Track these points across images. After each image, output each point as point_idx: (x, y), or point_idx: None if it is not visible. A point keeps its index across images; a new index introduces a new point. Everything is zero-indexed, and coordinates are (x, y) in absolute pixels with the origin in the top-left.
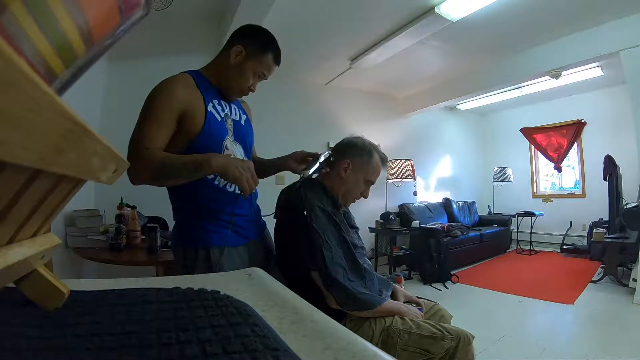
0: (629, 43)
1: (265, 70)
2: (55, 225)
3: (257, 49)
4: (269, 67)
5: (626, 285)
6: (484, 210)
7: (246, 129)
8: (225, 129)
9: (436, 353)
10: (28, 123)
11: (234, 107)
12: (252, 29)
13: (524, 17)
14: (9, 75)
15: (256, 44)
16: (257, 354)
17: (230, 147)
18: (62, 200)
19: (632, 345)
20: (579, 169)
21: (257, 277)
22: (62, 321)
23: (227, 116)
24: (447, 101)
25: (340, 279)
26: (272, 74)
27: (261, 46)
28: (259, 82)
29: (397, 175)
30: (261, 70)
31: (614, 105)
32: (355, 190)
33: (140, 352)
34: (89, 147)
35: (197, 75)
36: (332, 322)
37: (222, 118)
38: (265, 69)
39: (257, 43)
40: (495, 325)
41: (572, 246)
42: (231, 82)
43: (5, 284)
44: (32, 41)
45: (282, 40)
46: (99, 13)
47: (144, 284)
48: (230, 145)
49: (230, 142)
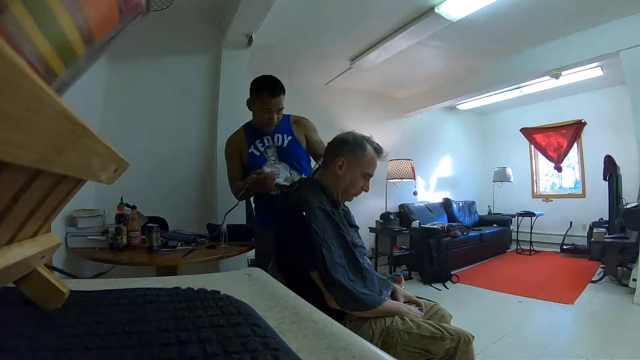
0: (629, 43)
1: (267, 105)
2: (55, 225)
3: (255, 96)
4: (268, 101)
5: (626, 285)
6: (484, 210)
7: (289, 149)
8: (263, 159)
9: (436, 353)
10: (28, 123)
11: (277, 135)
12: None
13: (524, 17)
14: (9, 75)
15: (253, 92)
16: (257, 354)
17: (269, 169)
18: (62, 201)
19: (632, 345)
20: (579, 169)
21: (257, 277)
22: (62, 321)
23: (267, 148)
24: (447, 101)
25: (340, 279)
26: (277, 104)
27: (256, 91)
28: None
29: (397, 175)
30: (264, 107)
31: (614, 105)
32: (354, 186)
33: (140, 352)
34: (89, 147)
35: (248, 125)
36: (332, 322)
37: (260, 152)
38: (267, 105)
39: (253, 91)
40: (495, 325)
41: (572, 246)
42: (258, 122)
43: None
44: (32, 41)
45: (282, 40)
46: (99, 13)
47: (144, 284)
48: (268, 168)
49: (269, 166)
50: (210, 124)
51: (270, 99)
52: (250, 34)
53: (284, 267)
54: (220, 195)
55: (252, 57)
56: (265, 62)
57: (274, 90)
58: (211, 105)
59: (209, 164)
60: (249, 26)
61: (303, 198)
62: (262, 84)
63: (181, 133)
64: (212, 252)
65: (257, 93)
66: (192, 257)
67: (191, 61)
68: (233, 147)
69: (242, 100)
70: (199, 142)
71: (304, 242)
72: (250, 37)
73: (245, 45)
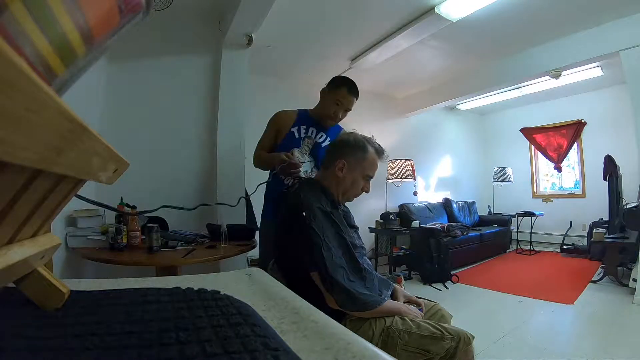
0: (629, 43)
1: (340, 98)
2: (55, 225)
3: (332, 87)
4: (344, 97)
5: (626, 285)
6: (484, 210)
7: (323, 150)
8: (298, 144)
9: (436, 353)
10: (28, 123)
11: (322, 133)
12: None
13: (524, 17)
14: (9, 75)
15: (332, 84)
16: (257, 354)
17: (297, 154)
18: (62, 201)
19: (632, 345)
20: (579, 169)
21: (257, 277)
22: (62, 321)
23: (307, 137)
24: (447, 101)
25: (340, 280)
26: (350, 103)
27: (335, 83)
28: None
29: (397, 175)
30: (337, 99)
31: (614, 105)
32: (355, 188)
33: (140, 352)
34: (89, 147)
35: (302, 112)
36: (332, 322)
37: (300, 137)
38: (340, 98)
39: (333, 83)
40: (495, 325)
41: (572, 246)
42: (323, 112)
43: (5, 284)
44: (32, 41)
45: (282, 40)
46: (99, 13)
47: (144, 284)
48: (298, 153)
49: (299, 152)
50: (210, 124)
51: (347, 94)
52: (250, 34)
53: (284, 267)
54: (220, 195)
55: (252, 57)
56: (265, 62)
57: (352, 89)
58: (211, 105)
59: (209, 164)
60: (249, 26)
61: (303, 198)
62: (344, 81)
63: (181, 133)
64: (212, 252)
65: (335, 86)
66: (192, 257)
67: (191, 61)
68: (279, 121)
69: (243, 100)
70: (199, 142)
71: (304, 242)
72: (250, 37)
73: (245, 45)
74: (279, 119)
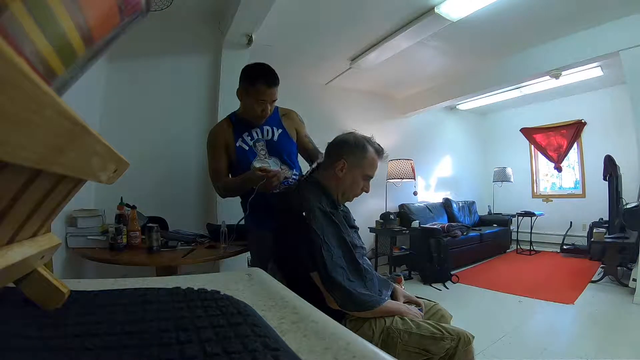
0: (629, 43)
1: (261, 96)
2: (55, 225)
3: (247, 85)
4: (263, 92)
5: (626, 285)
6: (484, 210)
7: (280, 143)
8: (253, 154)
9: (436, 353)
10: (28, 123)
11: (266, 128)
12: (243, 71)
13: (524, 17)
14: (9, 75)
15: (245, 81)
16: (257, 354)
17: (259, 164)
18: (62, 201)
19: (632, 345)
20: (579, 169)
21: (257, 277)
22: (62, 321)
23: (256, 141)
24: (447, 101)
25: (340, 280)
26: (271, 96)
27: (249, 80)
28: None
29: (397, 175)
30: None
31: (614, 105)
32: (354, 188)
33: (140, 352)
34: (89, 147)
35: (233, 116)
36: (332, 322)
37: (249, 146)
38: (261, 96)
39: (246, 80)
40: (495, 325)
41: (572, 246)
42: (249, 114)
43: (5, 284)
44: (32, 41)
45: (282, 40)
46: (99, 13)
47: (144, 284)
48: (259, 163)
49: (259, 161)
50: (210, 124)
51: (266, 90)
52: (250, 34)
53: (284, 268)
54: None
55: (252, 57)
56: (265, 62)
57: (270, 81)
58: (211, 105)
59: None
60: (249, 26)
61: (303, 198)
62: (257, 73)
63: (181, 133)
64: (212, 252)
65: (250, 83)
66: (192, 257)
67: (191, 61)
68: (219, 139)
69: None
70: (199, 142)
71: (304, 242)
72: (250, 37)
73: (245, 45)
74: (218, 135)
